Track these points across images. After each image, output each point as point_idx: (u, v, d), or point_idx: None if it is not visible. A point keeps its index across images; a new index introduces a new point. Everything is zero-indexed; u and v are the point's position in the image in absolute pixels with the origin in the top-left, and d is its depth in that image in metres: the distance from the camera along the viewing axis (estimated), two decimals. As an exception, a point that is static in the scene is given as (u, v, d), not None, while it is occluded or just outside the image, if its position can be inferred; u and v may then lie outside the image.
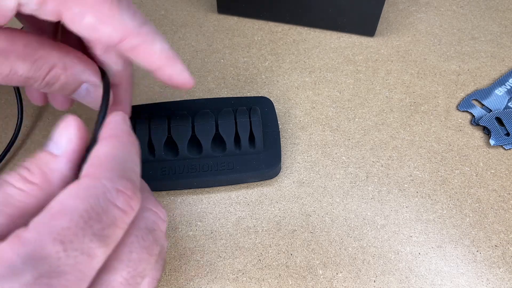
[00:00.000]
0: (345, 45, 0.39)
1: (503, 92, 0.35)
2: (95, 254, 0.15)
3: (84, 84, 0.23)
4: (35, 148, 0.32)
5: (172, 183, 0.29)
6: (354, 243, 0.28)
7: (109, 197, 0.16)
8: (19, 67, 0.20)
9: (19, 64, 0.20)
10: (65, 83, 0.22)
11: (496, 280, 0.27)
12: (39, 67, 0.20)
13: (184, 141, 0.29)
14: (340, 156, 0.32)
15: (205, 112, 0.30)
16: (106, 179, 0.16)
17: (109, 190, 0.16)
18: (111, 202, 0.16)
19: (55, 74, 0.21)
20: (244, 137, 0.29)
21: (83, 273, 0.15)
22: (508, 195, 0.30)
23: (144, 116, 0.29)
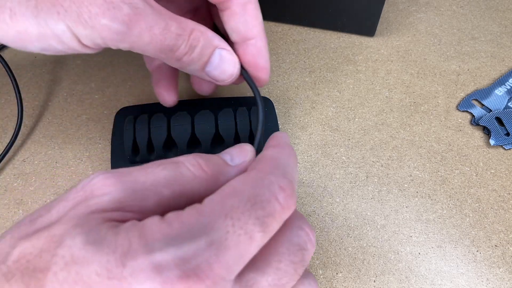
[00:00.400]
0: (345, 45, 0.39)
1: (503, 92, 0.35)
2: (254, 238, 0.16)
3: (217, 50, 0.25)
4: (35, 148, 0.32)
5: None
6: (354, 243, 0.28)
7: (273, 190, 0.17)
8: (171, 25, 0.22)
9: (172, 22, 0.22)
10: (204, 46, 0.24)
11: (496, 280, 0.27)
12: (184, 27, 0.23)
13: (184, 141, 0.29)
14: (340, 156, 0.32)
15: (205, 112, 0.30)
16: (271, 174, 0.18)
17: (273, 184, 0.18)
18: (274, 195, 0.17)
19: (195, 36, 0.23)
20: (244, 137, 0.29)
21: (241, 254, 0.16)
22: (508, 195, 0.30)
23: (144, 116, 0.30)
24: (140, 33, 0.21)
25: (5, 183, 0.31)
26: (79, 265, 0.15)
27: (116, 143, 0.30)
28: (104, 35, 0.20)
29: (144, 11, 0.21)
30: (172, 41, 0.22)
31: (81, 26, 0.20)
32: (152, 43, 0.22)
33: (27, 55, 0.38)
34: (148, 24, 0.21)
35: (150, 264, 0.15)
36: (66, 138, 0.33)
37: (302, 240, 0.19)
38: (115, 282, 0.15)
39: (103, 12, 0.20)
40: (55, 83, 0.36)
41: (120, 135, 0.31)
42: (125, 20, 0.20)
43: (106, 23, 0.20)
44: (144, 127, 0.29)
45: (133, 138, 0.28)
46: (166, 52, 0.23)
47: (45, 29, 0.19)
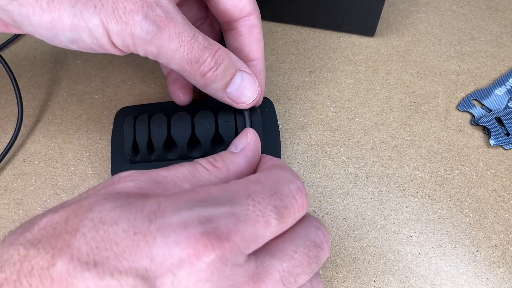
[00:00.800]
0: (345, 45, 0.39)
1: (503, 92, 0.35)
2: (270, 223, 0.18)
3: (239, 72, 0.26)
4: (35, 148, 0.32)
5: None
6: (354, 243, 0.28)
7: (291, 187, 0.19)
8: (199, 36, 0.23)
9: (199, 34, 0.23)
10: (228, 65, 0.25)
11: (496, 280, 0.27)
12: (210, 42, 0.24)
13: (184, 141, 0.29)
14: (340, 156, 0.32)
15: (205, 112, 0.30)
16: (291, 174, 0.20)
17: (292, 182, 0.19)
18: (291, 191, 0.19)
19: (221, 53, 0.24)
20: None
21: (257, 233, 0.17)
22: (508, 195, 0.30)
23: (144, 116, 0.29)
24: (170, 37, 0.22)
25: (5, 183, 0.31)
26: (107, 224, 0.16)
27: (116, 143, 0.30)
28: (135, 32, 0.21)
29: (175, 17, 0.22)
30: (199, 52, 0.23)
31: (114, 21, 0.20)
32: (179, 50, 0.22)
33: (27, 55, 0.38)
34: (178, 29, 0.22)
35: (177, 220, 0.16)
36: (66, 138, 0.33)
37: (318, 238, 0.20)
38: (140, 237, 0.16)
39: (137, 9, 0.20)
40: (55, 83, 0.36)
41: (120, 135, 0.31)
42: (156, 20, 0.21)
43: (139, 20, 0.20)
44: (144, 127, 0.29)
45: (133, 138, 0.28)
46: (192, 63, 0.23)
47: (79, 21, 0.20)
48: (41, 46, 0.39)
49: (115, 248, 0.16)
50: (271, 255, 0.18)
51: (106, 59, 0.38)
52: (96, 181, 0.31)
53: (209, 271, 0.16)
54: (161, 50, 0.22)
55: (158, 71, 0.37)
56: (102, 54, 0.39)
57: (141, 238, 0.16)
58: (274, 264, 0.18)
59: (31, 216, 0.29)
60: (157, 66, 0.38)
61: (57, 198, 0.30)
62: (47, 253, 0.16)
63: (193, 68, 0.23)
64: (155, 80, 0.37)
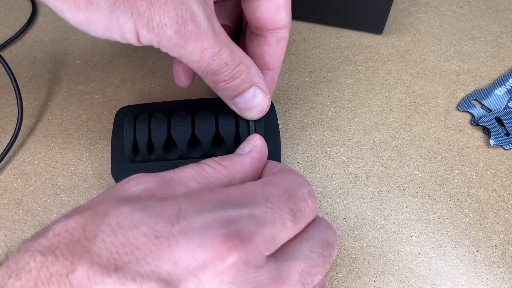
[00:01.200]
0: (345, 45, 0.39)
1: (503, 92, 0.35)
2: (286, 225, 0.18)
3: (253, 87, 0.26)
4: (35, 148, 0.32)
5: None
6: (354, 243, 0.28)
7: (304, 192, 0.20)
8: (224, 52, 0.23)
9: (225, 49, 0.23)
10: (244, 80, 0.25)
11: (496, 280, 0.27)
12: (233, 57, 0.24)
13: (184, 141, 0.29)
14: (340, 156, 0.32)
15: (205, 112, 0.30)
16: (303, 179, 0.21)
17: (304, 186, 0.20)
18: (303, 195, 0.19)
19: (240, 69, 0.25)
20: (245, 136, 0.29)
21: (274, 235, 0.17)
22: (508, 195, 0.30)
23: (144, 115, 0.29)
24: (194, 50, 0.22)
25: (5, 183, 0.31)
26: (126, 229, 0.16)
27: (116, 143, 0.30)
28: (163, 43, 0.21)
29: (206, 33, 0.22)
30: (218, 66, 0.23)
31: (146, 29, 0.20)
32: (199, 62, 0.23)
33: (27, 55, 0.38)
34: (204, 46, 0.22)
35: (199, 223, 0.16)
36: (66, 138, 0.33)
37: (330, 238, 0.20)
38: (162, 241, 0.16)
39: (171, 25, 0.21)
40: (55, 83, 0.36)
41: (120, 135, 0.30)
42: (186, 35, 0.21)
43: (169, 35, 0.21)
44: (144, 127, 0.29)
45: (133, 138, 0.28)
46: (208, 73, 0.24)
47: (114, 24, 0.20)
48: (41, 46, 0.39)
49: (136, 253, 0.16)
50: (289, 256, 0.18)
51: (106, 59, 0.38)
52: (96, 181, 0.31)
53: (233, 273, 0.16)
54: (181, 57, 0.23)
55: (158, 71, 0.37)
56: (102, 55, 0.39)
57: (164, 241, 0.16)
58: (294, 264, 0.18)
59: (31, 216, 0.29)
60: (157, 66, 0.38)
61: (57, 198, 0.30)
62: (66, 259, 0.16)
63: (208, 77, 0.24)
64: (155, 80, 0.37)
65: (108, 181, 0.31)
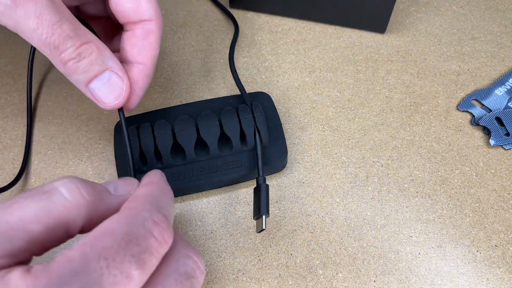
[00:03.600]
0: (345, 45, 0.39)
1: (503, 92, 0.35)
2: (132, 276, 0.16)
3: (108, 71, 0.24)
4: (35, 148, 0.32)
5: (183, 187, 0.29)
6: (354, 243, 0.28)
7: (147, 226, 0.17)
8: (65, 23, 0.22)
9: (66, 22, 0.22)
10: (94, 61, 0.23)
11: (496, 280, 0.27)
12: (78, 33, 0.22)
13: (191, 145, 0.29)
14: (340, 156, 0.32)
15: (208, 113, 0.30)
16: (144, 211, 0.18)
17: (147, 220, 0.17)
18: (148, 230, 0.17)
19: (89, 47, 0.23)
20: (250, 133, 0.29)
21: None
22: (508, 195, 0.30)
23: (146, 124, 0.29)
24: (27, 14, 0.20)
25: (5, 183, 0.31)
26: None
27: (119, 155, 0.30)
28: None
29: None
30: (61, 39, 0.22)
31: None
32: (37, 31, 0.21)
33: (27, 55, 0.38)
34: (38, 10, 0.20)
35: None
36: (66, 138, 0.33)
37: (189, 268, 0.19)
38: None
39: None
40: (55, 83, 0.36)
41: (122, 147, 0.30)
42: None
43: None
44: (148, 135, 0.28)
45: (139, 148, 0.28)
46: (51, 48, 0.22)
47: None
48: None
49: None
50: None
51: (106, 59, 0.38)
52: (96, 181, 0.31)
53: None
54: (18, 26, 0.21)
55: (158, 71, 0.37)
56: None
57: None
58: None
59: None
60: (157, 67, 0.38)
61: (57, 198, 0.30)
62: None
63: (53, 53, 0.22)
64: (154, 80, 0.37)
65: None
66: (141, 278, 0.16)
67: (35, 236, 0.17)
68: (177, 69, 0.37)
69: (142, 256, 0.16)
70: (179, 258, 0.19)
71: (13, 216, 0.16)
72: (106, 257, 0.15)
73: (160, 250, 0.17)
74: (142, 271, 0.16)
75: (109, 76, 0.24)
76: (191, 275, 0.18)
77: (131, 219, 0.17)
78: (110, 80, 0.24)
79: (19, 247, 0.16)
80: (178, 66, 0.38)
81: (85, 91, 0.24)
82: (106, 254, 0.16)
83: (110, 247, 0.16)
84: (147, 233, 0.17)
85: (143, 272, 0.16)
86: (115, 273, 0.15)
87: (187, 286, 0.18)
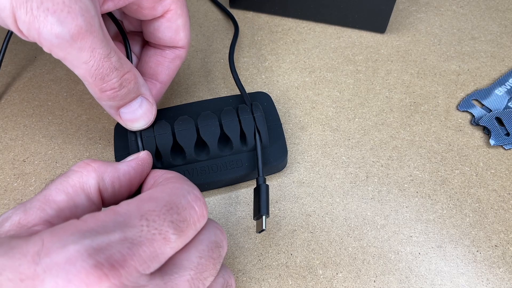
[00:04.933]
0: (345, 45, 0.39)
1: (503, 92, 0.35)
2: (169, 239, 0.17)
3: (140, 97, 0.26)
4: (35, 148, 0.32)
5: None
6: (354, 243, 0.28)
7: (189, 199, 0.19)
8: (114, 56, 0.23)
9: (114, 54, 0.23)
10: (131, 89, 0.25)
11: (496, 280, 0.27)
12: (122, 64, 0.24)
13: (191, 145, 0.29)
14: (340, 156, 0.32)
15: (208, 114, 0.30)
16: (187, 185, 0.20)
17: (189, 193, 0.19)
18: (190, 203, 0.19)
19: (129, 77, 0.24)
20: (250, 133, 0.29)
21: (156, 252, 0.17)
22: (508, 195, 0.30)
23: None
24: (82, 48, 0.21)
25: (5, 183, 0.31)
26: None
27: (119, 155, 0.30)
28: (42, 31, 0.19)
29: (97, 32, 0.21)
30: (108, 71, 0.22)
31: (23, 10, 0.19)
32: (88, 63, 0.21)
33: (27, 55, 0.38)
34: (94, 44, 0.21)
35: (64, 257, 0.15)
36: (66, 138, 0.33)
37: (218, 237, 0.20)
38: (28, 283, 0.15)
39: (54, 11, 0.19)
40: (55, 83, 0.36)
41: (122, 147, 0.30)
42: (73, 30, 0.20)
43: (51, 22, 0.19)
44: (149, 135, 0.28)
45: (139, 148, 0.28)
46: (97, 79, 0.22)
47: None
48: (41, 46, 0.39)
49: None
50: (177, 267, 0.18)
51: (106, 59, 0.38)
52: (96, 181, 0.31)
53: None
54: (68, 57, 0.21)
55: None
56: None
57: (29, 283, 0.15)
58: (182, 274, 0.18)
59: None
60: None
61: (57, 198, 0.30)
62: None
63: (96, 83, 0.23)
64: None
65: (108, 181, 0.31)
66: (178, 242, 0.18)
67: (61, 204, 0.19)
68: (177, 69, 0.37)
69: (181, 224, 0.18)
70: (210, 228, 0.20)
71: (40, 195, 0.19)
72: (147, 218, 0.17)
73: (197, 223, 0.19)
74: (179, 236, 0.18)
75: (140, 102, 0.26)
76: (219, 244, 0.20)
77: (174, 190, 0.19)
78: (142, 107, 0.26)
79: (51, 214, 0.19)
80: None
81: (115, 114, 0.26)
82: (148, 216, 0.17)
83: (152, 211, 0.18)
84: (188, 205, 0.19)
85: (180, 238, 0.18)
86: (154, 232, 0.17)
87: (216, 253, 0.20)
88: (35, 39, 0.20)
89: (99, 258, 0.15)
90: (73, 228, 0.16)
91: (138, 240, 0.17)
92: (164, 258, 0.17)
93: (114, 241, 0.16)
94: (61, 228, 0.16)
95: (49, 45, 0.20)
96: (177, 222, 0.18)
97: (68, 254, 0.15)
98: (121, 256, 0.16)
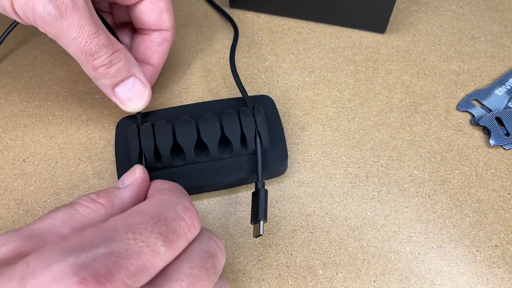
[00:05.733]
0: (345, 45, 0.39)
1: (503, 92, 0.35)
2: (158, 251, 0.17)
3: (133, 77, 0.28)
4: (35, 148, 0.32)
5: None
6: (354, 243, 0.28)
7: (178, 210, 0.19)
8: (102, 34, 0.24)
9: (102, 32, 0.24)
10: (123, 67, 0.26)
11: (496, 280, 0.27)
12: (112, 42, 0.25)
13: (191, 146, 0.29)
14: (340, 156, 0.32)
15: (209, 115, 0.30)
16: (176, 196, 0.20)
17: (178, 204, 0.19)
18: (179, 214, 0.19)
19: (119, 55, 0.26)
20: (250, 136, 0.29)
21: (145, 264, 0.17)
22: (508, 195, 0.30)
23: (147, 124, 0.29)
24: (70, 25, 0.23)
25: (5, 183, 0.31)
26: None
27: (120, 154, 0.30)
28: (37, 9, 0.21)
29: (82, 10, 0.23)
30: (97, 47, 0.24)
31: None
32: (77, 39, 0.23)
33: (27, 55, 0.38)
34: (81, 21, 0.23)
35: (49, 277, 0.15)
36: (66, 138, 0.33)
37: (212, 248, 0.20)
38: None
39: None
40: (55, 83, 0.36)
41: (123, 146, 0.30)
42: (60, 7, 0.22)
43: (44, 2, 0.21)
44: (149, 135, 0.28)
45: (139, 147, 0.28)
46: (87, 56, 0.24)
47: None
48: (41, 46, 0.39)
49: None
50: (168, 279, 0.18)
51: (106, 59, 0.38)
52: (96, 181, 0.31)
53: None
54: (59, 35, 0.23)
55: (158, 71, 0.37)
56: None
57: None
58: (173, 285, 0.18)
59: (31, 216, 0.29)
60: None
61: (57, 198, 0.30)
62: None
63: (87, 59, 0.24)
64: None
65: (108, 181, 0.31)
66: (168, 254, 0.18)
67: (65, 237, 0.18)
68: (177, 69, 0.37)
69: (170, 236, 0.18)
70: (202, 238, 0.20)
71: (45, 224, 0.19)
72: (133, 231, 0.17)
73: (189, 234, 0.19)
74: (168, 248, 0.18)
75: (133, 82, 0.27)
76: (213, 254, 0.20)
77: (163, 203, 0.19)
78: (135, 86, 0.27)
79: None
80: (178, 66, 0.38)
81: (110, 94, 0.27)
82: (134, 229, 0.17)
83: (139, 224, 0.17)
84: (177, 216, 0.19)
85: (170, 249, 0.18)
86: (141, 245, 0.17)
87: (210, 264, 0.19)
88: (30, 20, 0.22)
89: (83, 274, 0.15)
90: (58, 247, 0.16)
91: (124, 253, 0.16)
92: (154, 271, 0.17)
93: (99, 256, 0.16)
94: (47, 249, 0.16)
95: (43, 23, 0.22)
96: (166, 233, 0.18)
97: (52, 273, 0.15)
98: (106, 270, 0.16)
